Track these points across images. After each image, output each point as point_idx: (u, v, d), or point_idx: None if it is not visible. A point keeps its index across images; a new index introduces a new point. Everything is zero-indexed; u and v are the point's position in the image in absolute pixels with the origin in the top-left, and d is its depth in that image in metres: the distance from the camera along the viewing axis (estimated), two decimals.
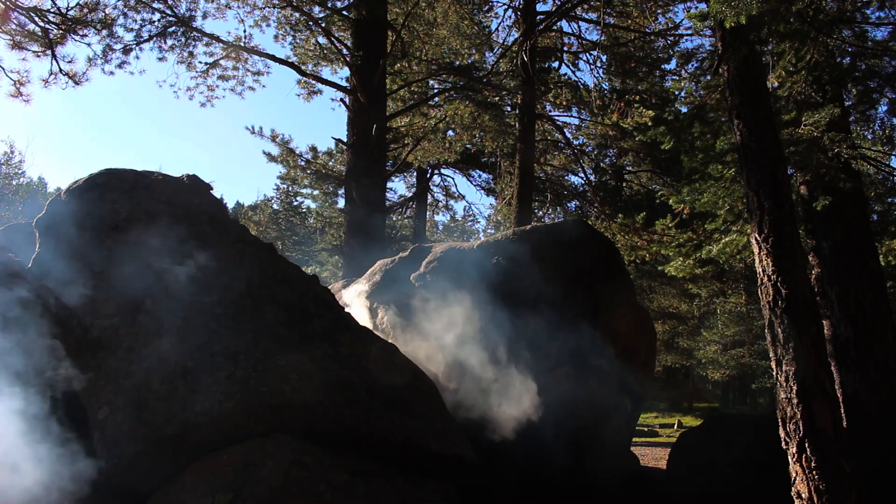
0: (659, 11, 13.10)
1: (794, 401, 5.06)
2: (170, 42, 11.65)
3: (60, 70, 9.60)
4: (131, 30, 10.99)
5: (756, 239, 5.57)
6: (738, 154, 5.93)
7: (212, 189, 6.16)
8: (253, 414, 4.75)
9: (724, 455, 7.09)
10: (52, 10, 9.27)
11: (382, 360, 5.73)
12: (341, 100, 13.85)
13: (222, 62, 13.08)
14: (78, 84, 10.03)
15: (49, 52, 9.31)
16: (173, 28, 11.52)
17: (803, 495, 4.95)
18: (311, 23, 13.34)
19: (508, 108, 15.34)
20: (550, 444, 6.51)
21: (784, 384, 5.17)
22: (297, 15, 13.32)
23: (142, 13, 11.04)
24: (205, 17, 12.53)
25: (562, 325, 7.01)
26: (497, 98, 14.51)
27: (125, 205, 5.44)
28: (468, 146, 17.55)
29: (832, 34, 6.22)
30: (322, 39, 13.90)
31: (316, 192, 20.64)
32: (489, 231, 22.26)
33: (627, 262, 13.77)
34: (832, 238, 8.06)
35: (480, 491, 6.01)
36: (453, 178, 22.04)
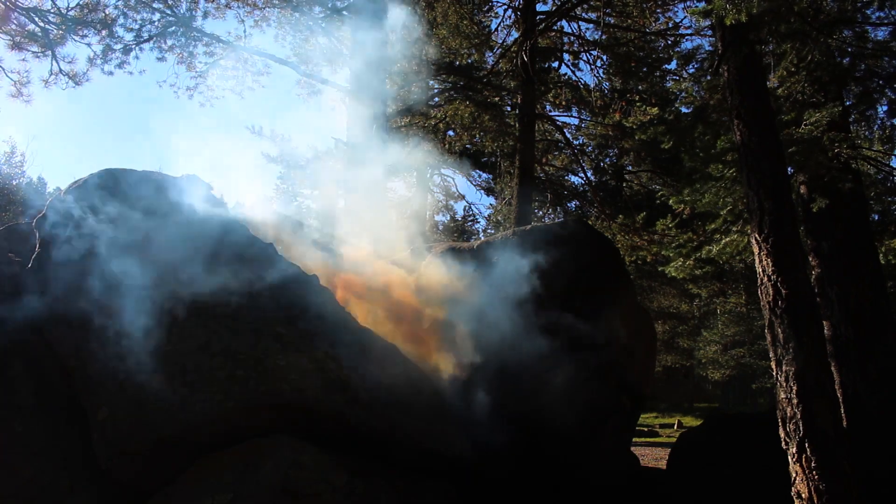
0: (659, 11, 13.08)
1: (794, 401, 5.06)
2: (170, 42, 11.68)
3: (60, 70, 9.61)
4: (131, 30, 11.00)
5: (756, 239, 5.57)
6: (739, 154, 5.93)
7: (212, 189, 6.17)
8: (253, 414, 4.75)
9: (724, 455, 7.08)
10: (52, 11, 9.28)
11: (383, 359, 5.73)
12: (341, 100, 13.86)
13: (222, 62, 13.09)
14: (78, 84, 10.05)
15: (49, 52, 9.31)
16: (173, 28, 11.53)
17: (803, 495, 4.94)
18: (310, 23, 13.34)
19: (508, 108, 15.32)
20: (550, 444, 6.51)
21: (784, 384, 5.17)
22: (297, 15, 13.32)
23: (142, 13, 11.05)
24: (205, 16, 12.52)
25: (562, 325, 7.01)
26: (497, 98, 14.50)
27: (125, 205, 5.44)
28: (468, 146, 17.52)
29: (832, 34, 6.22)
30: (322, 39, 13.91)
31: (316, 193, 20.60)
32: (489, 231, 22.24)
33: (628, 262, 13.77)
34: (832, 238, 8.05)
35: (480, 491, 6.01)
36: (453, 178, 21.95)
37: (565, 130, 15.74)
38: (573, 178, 19.39)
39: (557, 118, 15.41)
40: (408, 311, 7.13)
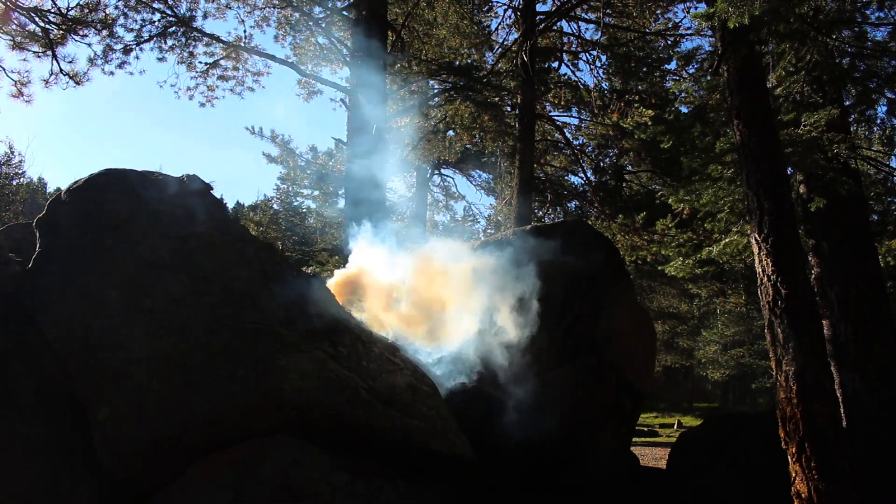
0: (659, 11, 13.10)
1: (794, 401, 5.06)
2: (170, 42, 11.68)
3: (61, 70, 9.62)
4: (132, 30, 11.00)
5: (756, 239, 5.57)
6: (738, 154, 5.94)
7: (212, 189, 6.16)
8: (253, 414, 4.76)
9: (724, 455, 7.09)
10: (52, 11, 9.29)
11: (383, 359, 5.73)
12: (341, 100, 13.85)
13: (222, 62, 13.09)
14: (79, 84, 10.06)
15: (50, 52, 9.32)
16: (173, 28, 11.53)
17: (803, 495, 4.95)
18: (311, 23, 13.34)
19: (508, 108, 15.33)
20: (550, 444, 6.52)
21: (784, 384, 5.17)
22: (297, 15, 13.33)
23: (142, 13, 11.06)
24: (205, 17, 12.57)
25: (561, 325, 7.02)
26: (497, 98, 14.50)
27: (125, 205, 5.44)
28: (468, 146, 17.55)
29: (832, 35, 6.22)
30: (322, 39, 13.91)
31: (316, 193, 20.60)
32: (489, 231, 22.24)
33: (627, 262, 13.78)
34: (832, 238, 8.06)
35: (480, 491, 6.01)
36: (453, 178, 21.99)
37: (565, 130, 15.77)
38: (573, 178, 19.42)
39: (557, 118, 15.45)
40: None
